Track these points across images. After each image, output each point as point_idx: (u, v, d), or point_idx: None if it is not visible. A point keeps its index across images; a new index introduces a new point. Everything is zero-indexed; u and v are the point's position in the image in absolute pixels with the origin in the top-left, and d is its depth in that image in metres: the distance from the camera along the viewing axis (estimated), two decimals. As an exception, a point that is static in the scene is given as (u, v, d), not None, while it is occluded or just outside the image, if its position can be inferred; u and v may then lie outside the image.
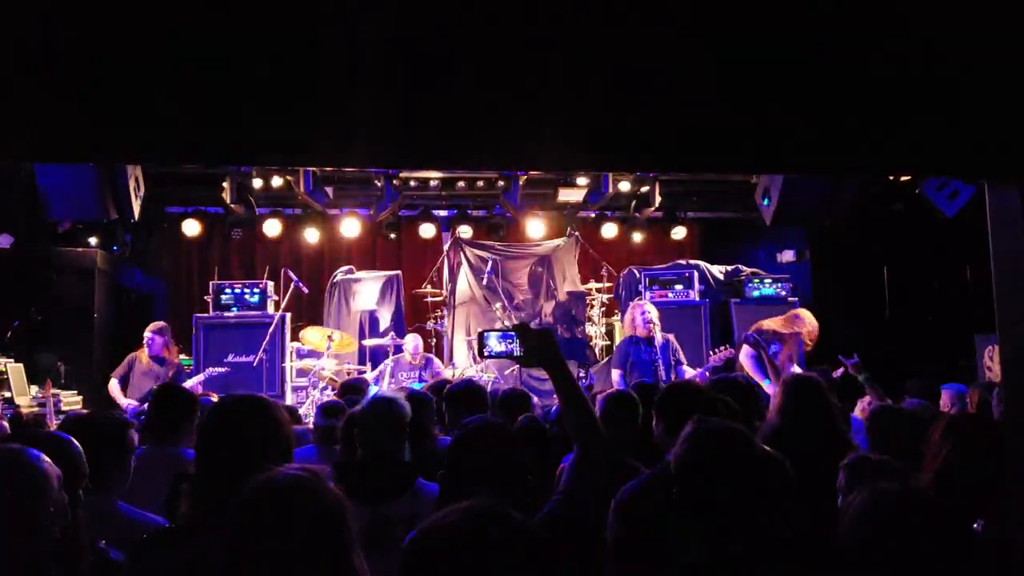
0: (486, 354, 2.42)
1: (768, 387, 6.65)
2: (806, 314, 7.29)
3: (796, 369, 6.89)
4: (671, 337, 7.58)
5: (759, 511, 2.14)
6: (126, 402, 7.49)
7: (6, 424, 3.86)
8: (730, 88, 1.88)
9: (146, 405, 7.27)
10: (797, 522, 2.36)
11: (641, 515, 2.68)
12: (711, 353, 8.13)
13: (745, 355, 7.11)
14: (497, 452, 2.50)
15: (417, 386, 7.89)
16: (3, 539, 1.88)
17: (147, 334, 7.80)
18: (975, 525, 2.43)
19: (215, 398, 4.94)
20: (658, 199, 10.07)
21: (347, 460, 3.24)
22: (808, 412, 3.53)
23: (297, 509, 1.66)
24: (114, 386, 7.64)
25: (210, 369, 8.22)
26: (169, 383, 6.33)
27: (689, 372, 7.38)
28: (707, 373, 7.50)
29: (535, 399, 5.11)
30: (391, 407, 3.03)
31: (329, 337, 8.73)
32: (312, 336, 9.04)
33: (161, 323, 8.03)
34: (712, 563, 2.10)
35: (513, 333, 2.37)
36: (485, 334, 2.44)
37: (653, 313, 7.40)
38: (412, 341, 8.79)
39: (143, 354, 7.75)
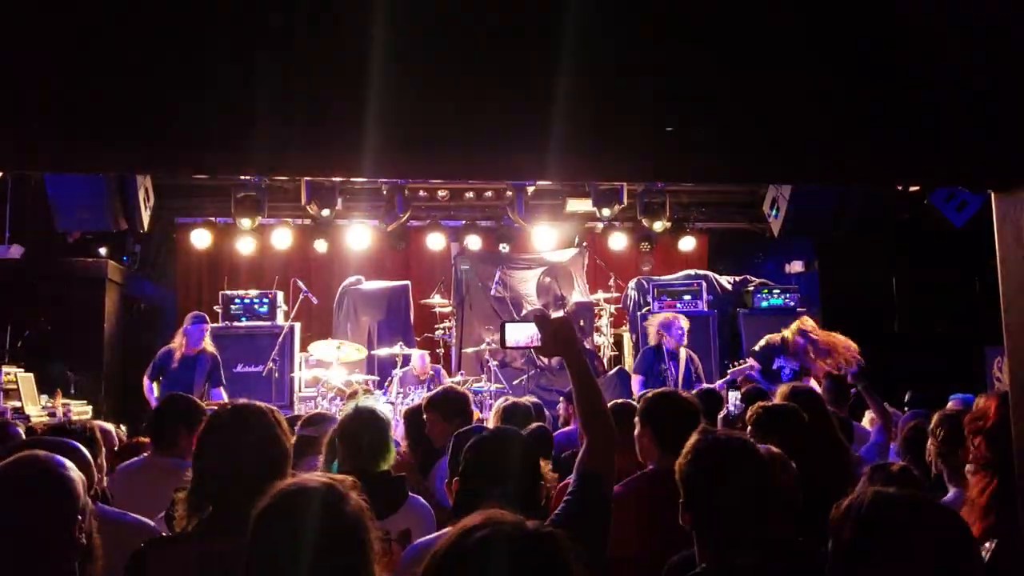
0: (508, 345, 2.47)
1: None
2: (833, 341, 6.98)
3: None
4: (693, 354, 7.60)
5: (767, 521, 2.13)
6: None
7: (21, 430, 3.85)
8: (735, 95, 1.88)
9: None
10: (800, 530, 2.35)
11: None
12: (731, 365, 8.13)
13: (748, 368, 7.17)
14: (509, 460, 2.50)
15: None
16: (40, 545, 1.86)
17: (187, 324, 7.42)
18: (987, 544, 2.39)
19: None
20: (667, 210, 10.06)
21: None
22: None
23: (318, 518, 1.66)
24: (148, 389, 7.25)
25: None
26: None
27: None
28: (725, 386, 7.50)
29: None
30: (374, 418, 3.00)
31: (337, 347, 8.75)
32: (320, 350, 9.03)
33: (199, 312, 7.73)
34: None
35: (532, 323, 2.41)
36: (506, 325, 2.48)
37: (686, 326, 7.47)
38: (418, 357, 8.88)
39: (178, 349, 7.35)
